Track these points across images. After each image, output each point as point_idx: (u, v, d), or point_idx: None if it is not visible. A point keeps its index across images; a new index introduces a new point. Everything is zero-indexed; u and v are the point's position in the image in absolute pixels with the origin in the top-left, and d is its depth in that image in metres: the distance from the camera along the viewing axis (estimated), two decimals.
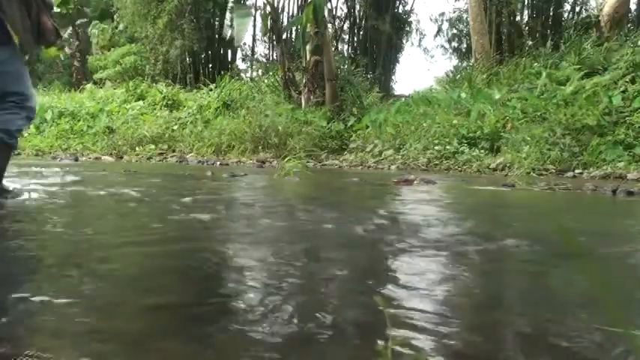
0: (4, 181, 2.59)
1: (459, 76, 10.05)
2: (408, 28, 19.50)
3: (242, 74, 16.13)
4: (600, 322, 0.87)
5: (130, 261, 1.34)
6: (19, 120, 2.51)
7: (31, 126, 11.96)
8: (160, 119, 11.04)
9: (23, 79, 2.56)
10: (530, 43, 11.87)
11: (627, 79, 6.49)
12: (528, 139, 6.17)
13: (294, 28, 14.43)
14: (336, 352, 0.75)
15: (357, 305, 0.98)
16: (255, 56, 18.71)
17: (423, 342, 0.79)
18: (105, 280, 1.15)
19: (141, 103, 12.46)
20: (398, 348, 0.74)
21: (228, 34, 11.46)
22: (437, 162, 6.80)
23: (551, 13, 13.28)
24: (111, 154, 9.83)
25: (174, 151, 9.95)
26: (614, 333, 0.81)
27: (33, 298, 0.95)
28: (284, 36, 12.55)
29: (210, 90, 12.30)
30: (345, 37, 18.07)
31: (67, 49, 17.94)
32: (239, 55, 18.36)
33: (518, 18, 13.50)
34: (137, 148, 10.10)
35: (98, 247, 1.47)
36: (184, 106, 11.90)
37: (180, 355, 0.74)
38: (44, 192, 2.85)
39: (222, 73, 13.48)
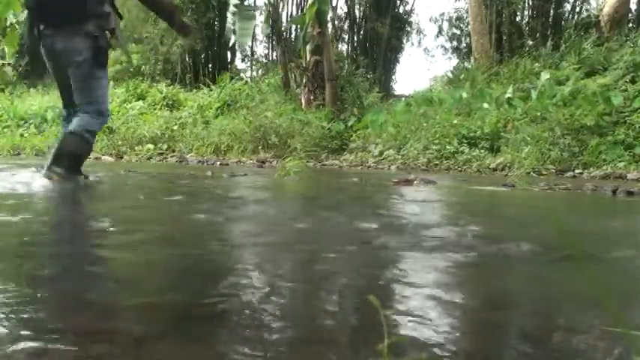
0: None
1: (462, 75, 10.03)
2: (408, 29, 19.48)
3: (242, 74, 16.12)
4: (601, 322, 0.87)
5: (131, 260, 1.34)
6: (96, 124, 3.19)
7: (31, 126, 11.98)
8: (160, 119, 11.03)
9: (106, 93, 3.26)
10: (530, 43, 11.86)
11: (627, 79, 6.49)
12: (528, 139, 6.17)
13: (293, 28, 14.43)
14: (336, 352, 0.75)
15: (357, 305, 0.98)
16: (255, 56, 18.69)
17: (423, 342, 0.79)
18: (105, 279, 1.15)
19: (141, 103, 12.45)
20: (398, 348, 0.74)
21: (232, 39, 11.30)
22: (437, 162, 6.80)
23: (551, 13, 13.27)
24: (111, 154, 9.83)
25: (174, 151, 9.95)
26: (615, 333, 0.81)
27: (32, 297, 0.95)
28: (284, 36, 12.54)
29: (211, 90, 12.30)
30: (345, 37, 18.06)
31: None
32: (238, 55, 18.34)
33: (518, 18, 13.50)
34: (136, 148, 10.09)
35: (97, 246, 1.47)
36: (184, 106, 11.89)
37: (180, 355, 0.74)
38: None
39: (221, 72, 13.47)
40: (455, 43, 19.25)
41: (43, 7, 2.93)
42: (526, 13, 13.73)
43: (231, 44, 12.34)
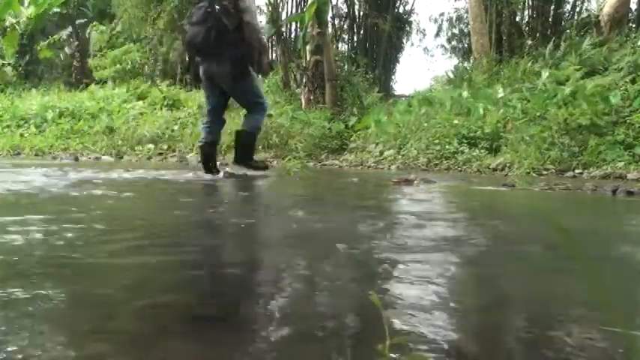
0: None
1: (466, 75, 10.01)
2: (408, 28, 19.46)
3: None
4: (601, 323, 0.87)
5: (130, 260, 1.34)
6: (262, 119, 4.50)
7: (32, 126, 11.98)
8: (160, 119, 11.03)
9: (260, 91, 4.48)
10: (530, 43, 11.85)
11: (627, 79, 6.48)
12: (528, 138, 6.17)
13: (293, 28, 14.42)
14: (336, 352, 0.75)
15: (357, 305, 0.98)
16: None
17: (423, 342, 0.79)
18: (105, 278, 1.15)
19: (141, 103, 12.45)
20: (397, 348, 0.74)
21: None
22: (437, 162, 6.79)
23: (551, 13, 13.26)
24: (111, 154, 9.83)
25: (174, 150, 9.95)
26: (614, 334, 0.81)
27: (32, 297, 0.95)
28: (284, 36, 12.53)
29: None
30: (345, 36, 18.05)
31: (66, 49, 17.94)
32: None
33: (518, 18, 13.49)
34: (136, 148, 10.09)
35: (96, 245, 1.47)
36: (184, 106, 11.90)
37: (180, 355, 0.74)
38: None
39: None
40: (455, 43, 19.25)
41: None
42: (526, 13, 13.73)
43: None
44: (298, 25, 11.75)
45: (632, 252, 1.60)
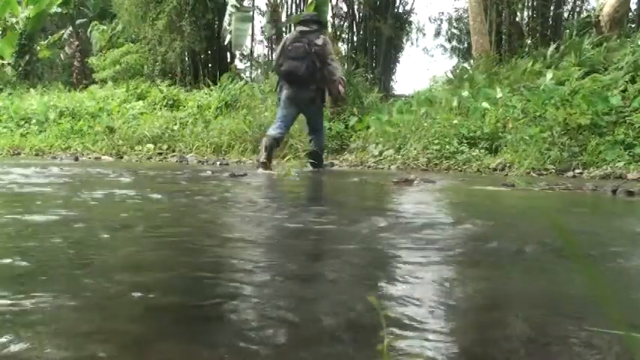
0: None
1: (466, 75, 9.99)
2: (408, 28, 19.45)
3: (242, 74, 16.07)
4: (600, 323, 0.87)
5: (131, 260, 1.34)
6: (324, 142, 5.91)
7: (32, 125, 11.99)
8: (160, 119, 11.03)
9: (323, 120, 6.08)
10: (530, 43, 11.85)
11: (627, 79, 6.48)
12: (528, 138, 6.17)
13: (292, 28, 14.40)
14: (336, 353, 0.75)
15: (357, 306, 0.98)
16: (255, 56, 18.65)
17: (422, 342, 0.79)
18: (104, 278, 1.15)
19: (141, 103, 12.44)
20: (397, 349, 0.74)
21: (227, 39, 11.34)
22: (437, 162, 6.78)
23: (551, 13, 13.26)
24: (110, 153, 9.83)
25: (173, 150, 9.94)
26: (613, 335, 0.81)
27: (34, 297, 0.95)
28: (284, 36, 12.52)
29: (211, 90, 12.30)
30: (345, 36, 18.03)
31: (66, 49, 17.93)
32: (238, 55, 18.28)
33: (518, 18, 13.49)
34: (136, 148, 10.09)
35: (97, 245, 1.47)
36: (184, 106, 11.89)
37: (181, 355, 0.74)
38: None
39: (222, 73, 13.45)
40: (454, 43, 19.25)
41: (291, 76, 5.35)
42: (526, 13, 13.72)
43: (226, 43, 12.41)
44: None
45: (632, 252, 1.60)
